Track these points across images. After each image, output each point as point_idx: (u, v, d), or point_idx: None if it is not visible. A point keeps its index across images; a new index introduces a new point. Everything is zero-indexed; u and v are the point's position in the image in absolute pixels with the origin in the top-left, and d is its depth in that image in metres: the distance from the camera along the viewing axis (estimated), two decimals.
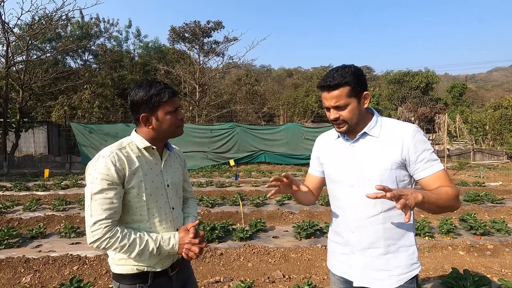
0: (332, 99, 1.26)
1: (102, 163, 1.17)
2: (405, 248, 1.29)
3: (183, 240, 1.27)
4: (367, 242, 1.30)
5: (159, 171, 1.32)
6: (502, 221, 4.55)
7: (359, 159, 1.31)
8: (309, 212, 5.51)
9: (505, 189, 7.75)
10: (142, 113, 1.24)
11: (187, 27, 19.16)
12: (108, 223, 1.16)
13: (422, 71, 27.39)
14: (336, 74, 1.24)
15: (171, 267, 1.33)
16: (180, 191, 1.46)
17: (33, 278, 3.18)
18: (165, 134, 1.30)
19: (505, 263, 3.56)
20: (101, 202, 1.16)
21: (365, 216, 1.29)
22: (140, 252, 1.20)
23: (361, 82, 1.26)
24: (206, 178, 9.90)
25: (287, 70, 52.14)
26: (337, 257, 1.43)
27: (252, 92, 23.27)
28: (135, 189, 1.23)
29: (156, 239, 1.24)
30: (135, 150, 1.27)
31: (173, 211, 1.35)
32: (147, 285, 1.26)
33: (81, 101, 16.09)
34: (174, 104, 1.27)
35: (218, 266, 3.50)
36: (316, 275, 3.28)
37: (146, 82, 1.27)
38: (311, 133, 13.30)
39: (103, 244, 1.16)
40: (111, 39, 22.44)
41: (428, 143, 1.28)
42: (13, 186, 8.11)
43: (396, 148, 1.25)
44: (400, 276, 1.27)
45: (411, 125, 1.29)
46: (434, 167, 1.23)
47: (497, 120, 17.93)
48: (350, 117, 1.27)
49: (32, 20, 12.88)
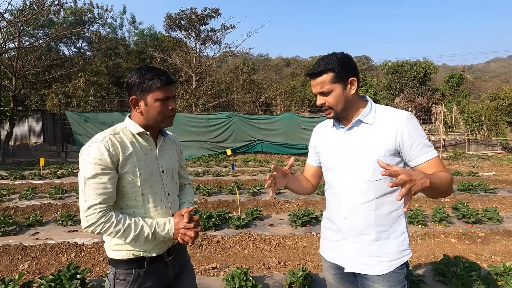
0: (317, 85, 1.29)
1: (95, 148, 1.16)
2: (396, 235, 1.31)
3: (178, 225, 1.27)
4: (359, 228, 1.31)
5: (153, 157, 1.31)
6: (494, 209, 4.63)
7: (353, 146, 1.32)
8: (305, 201, 5.57)
9: (498, 179, 7.87)
10: (133, 95, 1.24)
11: (183, 14, 18.75)
12: (103, 207, 1.16)
13: (420, 61, 27.27)
14: (321, 61, 1.27)
15: (167, 252, 1.34)
16: (176, 177, 1.46)
17: (31, 265, 3.21)
18: (154, 121, 1.28)
19: (495, 250, 3.64)
20: (95, 187, 1.15)
21: (357, 202, 1.31)
22: (135, 237, 1.20)
23: (346, 68, 1.27)
24: (203, 167, 9.92)
25: (285, 59, 51.68)
26: (329, 243, 1.45)
27: (249, 81, 23.02)
28: (130, 175, 1.22)
29: (151, 224, 1.24)
30: (128, 136, 1.27)
31: (169, 197, 1.35)
32: (143, 270, 1.27)
33: (76, 89, 15.84)
34: (166, 92, 1.24)
35: (215, 253, 3.55)
36: (311, 261, 3.35)
37: (145, 66, 1.26)
38: (308, 123, 13.29)
39: (97, 229, 1.16)
40: (106, 26, 21.99)
41: (422, 129, 1.28)
42: (9, 174, 8.07)
43: (390, 135, 1.25)
44: (391, 262, 1.29)
45: (404, 112, 1.29)
46: (429, 154, 1.24)
47: (493, 111, 18.01)
48: (335, 103, 1.29)
49: (24, 5, 12.51)
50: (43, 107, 16.52)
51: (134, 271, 1.26)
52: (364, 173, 1.28)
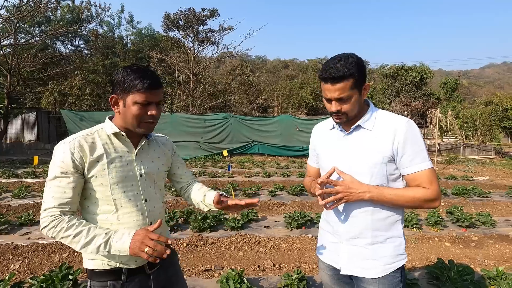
0: (336, 91, 1.21)
1: (61, 150, 1.13)
2: (392, 239, 1.31)
3: (137, 237, 1.08)
4: (355, 232, 1.32)
5: (130, 160, 1.23)
6: (487, 214, 4.67)
7: (351, 151, 1.31)
8: (300, 203, 5.57)
9: (491, 184, 7.95)
10: (114, 93, 1.18)
11: (182, 14, 18.75)
12: (56, 212, 1.10)
13: (417, 66, 27.50)
14: (340, 65, 1.18)
15: (149, 264, 1.24)
16: (160, 182, 1.36)
17: (22, 265, 3.16)
18: (130, 125, 1.19)
19: (489, 254, 3.67)
20: (53, 190, 1.12)
21: (354, 207, 1.31)
22: (85, 244, 1.09)
23: (363, 74, 1.23)
24: (199, 168, 9.88)
25: (283, 62, 51.73)
26: (327, 245, 1.45)
27: (246, 82, 23.05)
28: (98, 178, 1.16)
29: (108, 233, 1.11)
30: (103, 137, 1.21)
31: (147, 203, 1.25)
32: (119, 283, 1.18)
33: (72, 87, 15.73)
34: (147, 97, 1.14)
35: (209, 255, 3.53)
36: (306, 264, 3.34)
37: (134, 66, 1.19)
38: (305, 125, 13.32)
39: (49, 233, 1.10)
40: (103, 25, 21.91)
41: (420, 139, 1.26)
42: (1, 173, 7.96)
43: (387, 142, 1.25)
44: (386, 266, 1.29)
45: (404, 119, 1.28)
46: (418, 166, 1.23)
47: (487, 116, 18.25)
48: (351, 109, 1.25)
49: (20, 2, 12.41)
50: (38, 105, 16.38)
51: (110, 284, 1.17)
52: (361, 179, 1.27)
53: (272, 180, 7.76)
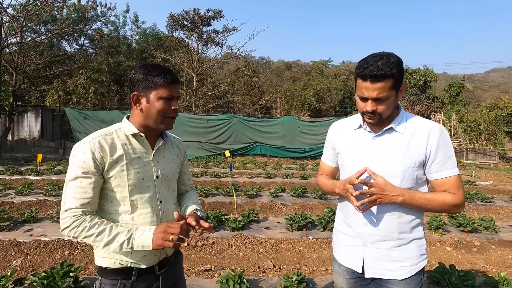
0: (375, 90, 1.17)
1: (81, 150, 1.13)
2: (416, 240, 1.32)
3: (158, 229, 1.14)
4: (381, 235, 1.30)
5: (147, 161, 1.24)
6: (490, 219, 4.63)
7: (382, 154, 1.28)
8: (302, 205, 5.56)
9: (495, 189, 7.89)
10: (135, 91, 1.19)
11: (186, 15, 18.80)
12: (78, 212, 1.11)
13: (421, 69, 27.40)
14: (381, 64, 1.14)
15: (159, 265, 1.26)
16: (174, 184, 1.37)
17: (24, 261, 3.19)
18: (153, 121, 1.20)
19: (491, 259, 3.64)
20: (74, 190, 1.12)
21: (383, 209, 1.28)
22: (108, 242, 1.11)
23: (402, 75, 1.20)
24: (201, 168, 9.90)
25: (286, 63, 51.68)
26: (346, 248, 1.42)
27: (250, 83, 23.06)
28: (117, 179, 1.17)
29: (130, 231, 1.14)
30: (122, 137, 1.21)
31: (161, 204, 1.27)
32: (130, 282, 1.19)
33: (76, 86, 15.85)
34: (171, 91, 1.18)
35: (210, 255, 3.53)
36: (306, 266, 3.33)
37: (150, 64, 1.22)
38: (308, 127, 13.32)
39: (71, 233, 1.12)
40: (108, 24, 22.05)
41: (451, 145, 1.27)
42: (5, 169, 8.03)
43: (421, 147, 1.24)
44: (412, 267, 1.30)
45: (437, 124, 1.27)
46: (447, 172, 1.24)
47: (491, 121, 18.11)
48: (386, 110, 1.21)
49: (27, 1, 12.54)
50: (42, 102, 16.51)
51: (120, 282, 1.19)
52: (391, 182, 1.24)
53: (273, 182, 7.76)
